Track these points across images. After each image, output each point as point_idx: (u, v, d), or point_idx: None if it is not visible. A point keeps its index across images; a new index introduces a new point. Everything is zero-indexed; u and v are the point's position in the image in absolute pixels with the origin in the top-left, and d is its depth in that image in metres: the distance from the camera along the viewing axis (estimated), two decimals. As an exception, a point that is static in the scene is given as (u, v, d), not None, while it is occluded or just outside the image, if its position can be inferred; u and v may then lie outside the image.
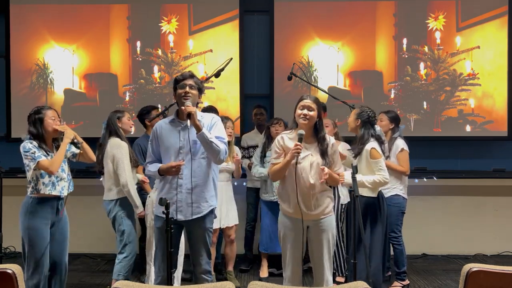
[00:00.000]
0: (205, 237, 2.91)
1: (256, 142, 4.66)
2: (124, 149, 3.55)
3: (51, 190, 3.09)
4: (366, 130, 3.46)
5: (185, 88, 2.83)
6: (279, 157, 2.91)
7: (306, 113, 2.85)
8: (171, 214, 2.81)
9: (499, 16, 5.16)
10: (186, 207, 2.84)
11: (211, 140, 2.74)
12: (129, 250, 3.57)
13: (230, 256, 4.23)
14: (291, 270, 2.95)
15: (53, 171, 3.04)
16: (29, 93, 5.24)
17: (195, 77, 2.90)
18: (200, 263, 2.91)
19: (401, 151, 3.96)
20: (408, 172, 4.00)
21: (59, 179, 3.15)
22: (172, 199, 2.83)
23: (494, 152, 5.32)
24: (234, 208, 4.15)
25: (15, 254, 4.99)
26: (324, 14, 5.23)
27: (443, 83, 5.21)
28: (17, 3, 5.23)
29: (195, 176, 2.82)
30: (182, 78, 2.87)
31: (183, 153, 2.83)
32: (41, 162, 3.01)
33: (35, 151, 3.03)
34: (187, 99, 2.80)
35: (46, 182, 3.08)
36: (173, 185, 2.84)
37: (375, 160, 3.36)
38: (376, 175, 3.34)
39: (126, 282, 1.83)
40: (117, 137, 3.60)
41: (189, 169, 2.81)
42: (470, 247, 5.21)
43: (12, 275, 1.95)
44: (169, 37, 5.24)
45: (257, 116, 4.80)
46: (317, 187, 2.86)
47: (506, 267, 1.97)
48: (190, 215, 2.85)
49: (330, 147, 2.90)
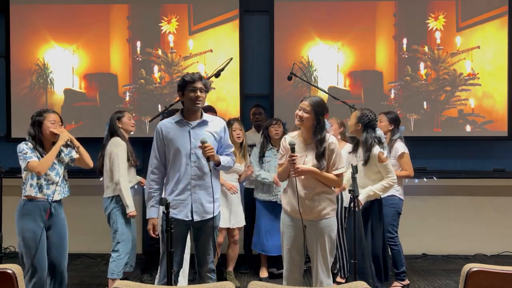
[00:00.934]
0: (214, 236, 2.93)
1: (254, 141, 4.65)
2: (122, 147, 3.58)
3: (37, 192, 3.09)
4: (368, 134, 3.43)
5: (196, 92, 2.81)
6: (283, 158, 2.96)
7: (302, 115, 2.87)
8: (185, 215, 2.82)
9: (499, 16, 5.16)
10: (201, 207, 2.85)
11: (227, 166, 2.95)
12: (122, 248, 3.58)
13: (232, 257, 4.23)
14: (291, 270, 2.96)
15: (41, 172, 3.03)
16: (29, 93, 5.24)
17: (203, 78, 2.88)
18: (207, 261, 2.93)
19: (402, 155, 3.94)
20: (412, 174, 4.01)
21: (50, 183, 3.13)
22: (185, 199, 2.83)
23: (494, 152, 5.32)
24: (241, 209, 4.17)
25: (15, 254, 4.98)
26: (324, 14, 5.23)
27: (443, 83, 5.21)
28: (17, 3, 5.23)
29: (207, 176, 2.84)
30: (192, 80, 2.82)
31: (194, 154, 2.83)
32: (31, 162, 3.02)
33: (27, 152, 3.04)
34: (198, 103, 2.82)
35: (33, 184, 3.09)
36: (187, 186, 2.84)
37: (383, 164, 3.38)
38: (384, 180, 3.38)
39: (126, 282, 1.83)
40: (118, 137, 3.65)
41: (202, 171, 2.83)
42: (470, 247, 5.20)
43: (12, 275, 1.95)
44: (169, 37, 5.24)
45: (255, 115, 4.79)
46: (312, 188, 2.88)
47: (506, 267, 1.97)
48: (205, 215, 2.86)
49: (327, 149, 2.89)
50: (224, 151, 2.97)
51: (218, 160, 2.84)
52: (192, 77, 2.83)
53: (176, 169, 2.84)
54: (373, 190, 3.37)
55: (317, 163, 2.86)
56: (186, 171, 2.82)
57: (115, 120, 3.69)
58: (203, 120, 2.90)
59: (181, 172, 2.82)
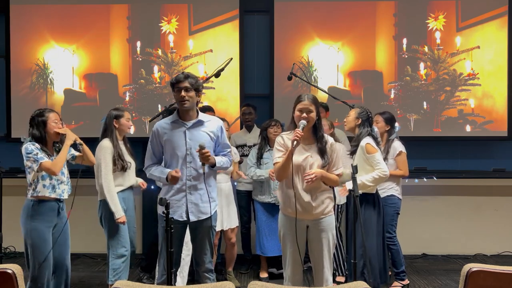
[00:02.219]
0: (210, 235, 2.93)
1: (244, 141, 4.64)
2: (107, 150, 3.38)
3: (51, 192, 3.09)
4: (364, 128, 3.49)
5: (181, 91, 2.79)
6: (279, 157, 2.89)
7: (305, 116, 2.81)
8: (180, 215, 2.82)
9: (499, 16, 5.16)
10: (196, 207, 2.85)
11: (223, 166, 2.92)
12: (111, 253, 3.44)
13: (230, 258, 4.23)
14: (291, 270, 2.95)
15: (56, 172, 3.04)
16: (29, 93, 5.24)
17: (189, 77, 2.82)
18: (204, 261, 2.92)
19: (399, 154, 3.94)
20: (407, 174, 4.00)
21: (60, 182, 3.15)
22: (181, 200, 2.83)
23: (494, 152, 5.32)
24: (234, 210, 4.15)
25: (15, 254, 4.99)
26: (324, 14, 5.23)
27: (443, 83, 5.21)
28: (17, 3, 5.23)
29: (202, 177, 2.83)
30: (176, 81, 2.81)
31: (190, 155, 2.83)
32: (44, 163, 3.01)
33: (38, 153, 3.03)
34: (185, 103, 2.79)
35: (47, 185, 3.08)
36: (182, 186, 2.84)
37: (371, 155, 3.38)
38: (374, 171, 3.36)
39: (126, 282, 1.83)
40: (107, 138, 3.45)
41: (197, 171, 2.83)
42: (470, 247, 5.21)
43: (12, 275, 1.95)
44: (169, 37, 5.24)
45: (245, 115, 4.71)
46: (316, 188, 2.86)
47: (506, 267, 1.96)
48: (201, 215, 2.86)
49: (329, 146, 2.90)
50: (221, 151, 2.97)
51: (214, 162, 2.83)
52: (176, 78, 2.83)
53: (171, 169, 2.84)
54: (362, 181, 3.34)
55: (322, 160, 2.85)
56: (181, 171, 2.83)
57: (112, 119, 3.48)
58: (199, 120, 2.89)
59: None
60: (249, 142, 4.64)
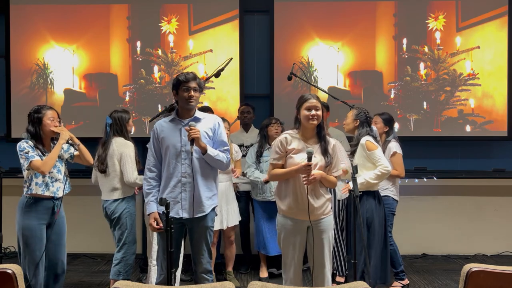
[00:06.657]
0: (207, 236, 2.92)
1: (242, 140, 4.64)
2: (131, 148, 3.52)
3: (44, 190, 3.09)
4: (363, 129, 3.52)
5: (190, 91, 2.83)
6: (280, 159, 2.89)
7: (315, 113, 2.82)
8: (176, 212, 2.82)
9: (499, 16, 5.16)
10: (189, 205, 2.84)
11: (216, 158, 2.84)
12: (127, 249, 3.53)
13: (230, 257, 4.23)
14: (292, 271, 2.94)
15: (45, 172, 3.04)
16: (29, 93, 5.24)
17: (197, 78, 2.90)
18: (201, 262, 2.92)
19: (394, 154, 3.95)
20: (403, 175, 4.00)
21: (54, 180, 3.14)
22: (176, 197, 2.84)
23: (494, 152, 5.32)
24: (235, 208, 4.15)
25: (15, 254, 4.98)
26: (324, 14, 5.23)
27: (443, 83, 5.21)
28: (17, 3, 5.23)
29: (197, 174, 2.83)
30: (186, 80, 2.84)
31: (184, 151, 2.84)
32: (34, 162, 3.01)
33: (29, 151, 3.03)
34: (191, 102, 2.83)
35: (39, 183, 3.08)
36: (177, 183, 2.85)
37: (372, 151, 3.39)
38: (376, 168, 3.37)
39: (126, 282, 1.83)
40: (122, 137, 3.54)
41: (191, 168, 2.82)
42: (470, 247, 5.21)
43: (12, 275, 1.95)
44: (169, 37, 5.24)
45: (244, 114, 4.72)
46: (317, 189, 2.86)
47: (506, 267, 1.96)
48: (194, 213, 2.85)
49: (331, 146, 2.91)
50: (217, 147, 2.95)
51: (205, 147, 2.79)
52: (186, 77, 2.85)
53: (167, 166, 2.86)
54: (365, 179, 3.36)
55: (325, 160, 2.85)
56: (176, 168, 2.83)
57: (125, 121, 3.57)
58: (195, 117, 2.91)
59: (171, 170, 2.84)
60: (246, 142, 4.65)
